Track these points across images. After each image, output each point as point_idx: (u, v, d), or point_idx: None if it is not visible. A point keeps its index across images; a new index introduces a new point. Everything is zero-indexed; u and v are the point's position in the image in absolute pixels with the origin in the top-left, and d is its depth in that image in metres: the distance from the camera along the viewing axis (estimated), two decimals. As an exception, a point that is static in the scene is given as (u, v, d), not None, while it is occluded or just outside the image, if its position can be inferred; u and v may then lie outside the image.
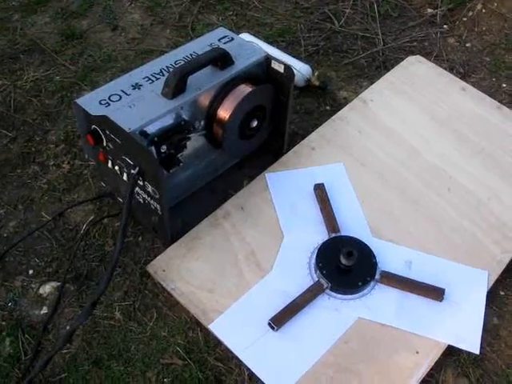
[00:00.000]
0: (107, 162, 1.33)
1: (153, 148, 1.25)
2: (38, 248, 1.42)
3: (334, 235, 1.39)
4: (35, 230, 1.44)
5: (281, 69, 1.41)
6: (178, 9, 2.16)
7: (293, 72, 1.40)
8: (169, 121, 1.28)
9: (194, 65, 1.31)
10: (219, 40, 1.45)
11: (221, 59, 1.35)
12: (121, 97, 1.28)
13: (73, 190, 1.55)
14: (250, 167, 1.58)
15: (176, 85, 1.27)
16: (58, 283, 1.35)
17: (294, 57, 1.85)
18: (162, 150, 1.27)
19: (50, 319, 1.29)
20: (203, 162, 1.47)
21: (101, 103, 1.26)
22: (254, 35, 1.91)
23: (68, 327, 1.27)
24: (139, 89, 1.31)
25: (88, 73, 1.89)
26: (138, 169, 1.22)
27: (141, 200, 1.34)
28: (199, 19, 2.13)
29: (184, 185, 1.46)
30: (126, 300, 1.32)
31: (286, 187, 1.50)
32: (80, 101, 1.28)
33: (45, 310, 1.31)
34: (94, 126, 1.27)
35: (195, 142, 1.39)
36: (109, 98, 1.27)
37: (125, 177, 1.30)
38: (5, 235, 1.45)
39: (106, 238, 1.44)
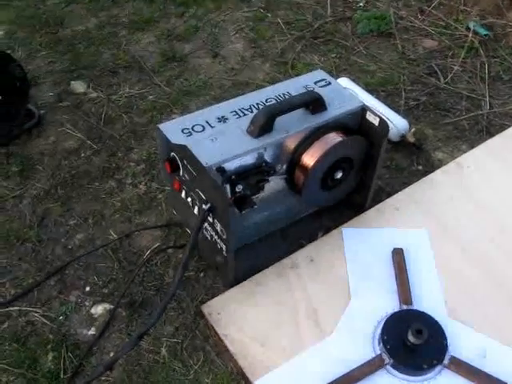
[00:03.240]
0: (181, 192, 1.30)
1: (228, 186, 1.20)
2: (98, 266, 1.40)
3: (405, 307, 1.28)
4: (100, 247, 1.43)
5: (376, 122, 1.33)
6: (281, 44, 2.13)
7: (388, 127, 1.32)
8: (249, 160, 1.23)
9: (285, 106, 1.26)
10: (315, 83, 1.39)
11: (313, 103, 1.29)
12: (204, 128, 1.24)
13: (144, 212, 1.52)
14: (327, 218, 1.50)
15: (263, 124, 1.22)
16: (111, 306, 1.32)
17: (391, 109, 1.77)
18: (238, 190, 1.21)
19: (96, 341, 1.26)
20: (279, 207, 1.40)
21: (183, 132, 1.23)
22: (353, 80, 1.85)
23: (112, 354, 1.23)
24: (225, 122, 1.26)
25: (181, 96, 1.88)
26: (209, 205, 1.17)
27: (208, 236, 1.29)
28: (300, 57, 2.09)
29: (255, 227, 1.40)
30: (175, 337, 1.27)
31: (362, 246, 1.41)
32: (163, 126, 1.25)
33: (93, 331, 1.28)
34: (173, 154, 1.24)
35: (274, 184, 1.33)
36: (192, 128, 1.24)
37: (195, 210, 1.25)
38: (69, 247, 1.44)
39: (167, 267, 1.39)
